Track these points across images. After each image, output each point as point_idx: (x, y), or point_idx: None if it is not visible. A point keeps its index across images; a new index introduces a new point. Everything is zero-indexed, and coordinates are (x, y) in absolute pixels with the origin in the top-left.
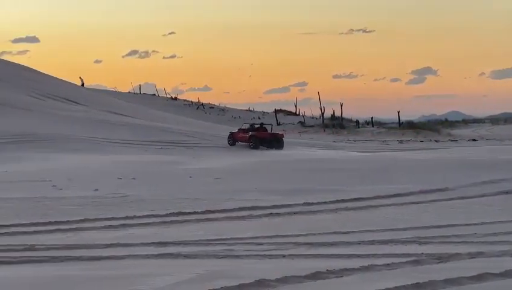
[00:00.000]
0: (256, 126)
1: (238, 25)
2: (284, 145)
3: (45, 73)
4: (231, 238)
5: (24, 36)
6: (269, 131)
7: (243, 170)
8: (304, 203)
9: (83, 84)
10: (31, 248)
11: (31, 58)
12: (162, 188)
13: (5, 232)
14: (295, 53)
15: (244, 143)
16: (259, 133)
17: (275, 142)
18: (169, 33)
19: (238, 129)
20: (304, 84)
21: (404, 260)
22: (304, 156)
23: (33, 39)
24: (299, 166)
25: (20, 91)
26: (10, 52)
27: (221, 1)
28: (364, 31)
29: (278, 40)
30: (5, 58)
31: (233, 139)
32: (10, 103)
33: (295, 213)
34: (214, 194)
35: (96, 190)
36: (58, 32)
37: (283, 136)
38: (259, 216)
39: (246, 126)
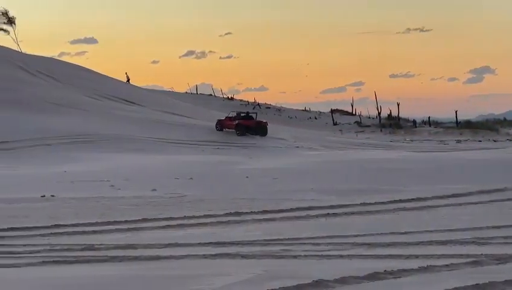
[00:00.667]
0: (243, 115)
1: (295, 25)
2: (268, 132)
3: (103, 74)
4: (289, 239)
5: (82, 37)
6: (255, 119)
7: (300, 170)
8: (361, 203)
9: (128, 80)
10: (90, 247)
11: (89, 59)
12: (219, 188)
13: (65, 232)
14: (352, 52)
15: (231, 130)
16: (244, 121)
17: (259, 129)
18: (226, 33)
19: (226, 117)
20: (360, 83)
21: (463, 261)
22: (361, 156)
23: (91, 40)
24: (355, 166)
25: (78, 92)
26: (69, 54)
27: (278, 1)
28: (422, 30)
29: (335, 39)
30: (63, 59)
31: (220, 126)
32: (68, 103)
33: (352, 213)
34: (271, 194)
35: (154, 189)
36: (116, 34)
37: (267, 124)
38: (317, 216)
39: (233, 114)
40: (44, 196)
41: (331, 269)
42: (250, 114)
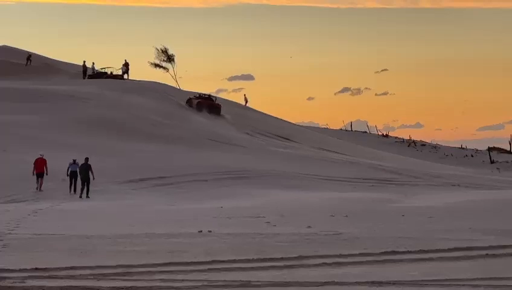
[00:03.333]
0: (205, 96)
1: (451, 61)
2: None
3: (259, 110)
4: (446, 279)
5: (240, 74)
6: (213, 102)
7: (457, 209)
8: None
9: (246, 102)
10: (247, 284)
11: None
12: (374, 226)
13: (222, 268)
14: (510, 89)
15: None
16: (203, 101)
17: (213, 108)
18: (382, 70)
19: (194, 96)
20: None
21: None
22: None
23: (248, 77)
24: None
25: (235, 128)
26: (226, 90)
27: (434, 38)
28: None
29: (493, 75)
30: (221, 96)
31: (189, 104)
32: (226, 139)
33: None
34: (428, 233)
35: (309, 227)
36: (272, 71)
37: (220, 106)
38: (475, 257)
39: (196, 95)
40: (201, 231)
41: None
42: (211, 97)
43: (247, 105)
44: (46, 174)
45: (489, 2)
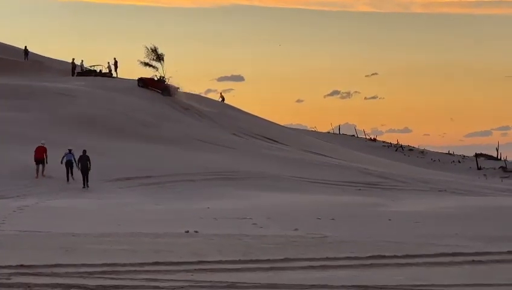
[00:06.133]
0: (157, 79)
1: (440, 67)
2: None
3: (247, 112)
4: (433, 285)
5: (229, 75)
6: (164, 84)
7: (443, 215)
8: (508, 251)
9: (223, 100)
10: (233, 285)
11: (235, 97)
12: (361, 229)
13: (208, 269)
14: (498, 96)
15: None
16: (148, 80)
17: (164, 90)
18: (372, 74)
19: (149, 78)
20: (507, 128)
21: None
22: (507, 202)
23: (238, 78)
24: (502, 212)
25: (223, 129)
26: (215, 90)
27: (424, 43)
28: None
29: (481, 82)
30: (210, 96)
31: (143, 84)
32: (214, 140)
33: (498, 262)
34: (414, 238)
35: (296, 229)
36: (263, 72)
37: (168, 87)
38: (461, 263)
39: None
40: (188, 232)
41: None
42: (163, 79)
43: (223, 102)
44: (46, 162)
45: (480, 8)
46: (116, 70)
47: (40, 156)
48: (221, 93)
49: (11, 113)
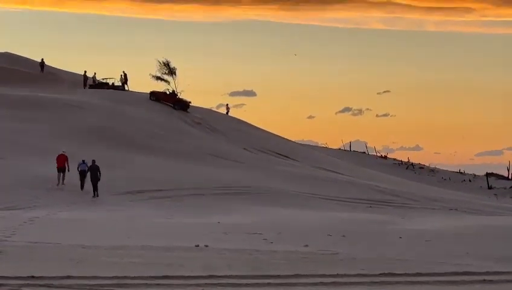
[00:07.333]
0: (168, 93)
1: (452, 85)
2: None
3: (259, 127)
4: None
5: (241, 90)
6: (176, 97)
7: (454, 233)
8: None
9: (228, 111)
10: None
11: (247, 112)
12: (371, 247)
13: (218, 283)
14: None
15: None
16: (160, 94)
17: (177, 103)
18: (384, 91)
19: (161, 91)
20: None
21: None
22: None
23: (250, 93)
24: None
25: (235, 144)
26: (230, 106)
27: (437, 62)
28: None
29: (493, 101)
30: (222, 111)
31: (155, 97)
32: (225, 155)
33: (509, 281)
34: (425, 257)
35: (306, 245)
36: (274, 87)
37: (179, 101)
38: (472, 282)
39: (167, 91)
40: (198, 246)
41: None
42: (175, 93)
43: (228, 114)
44: (68, 170)
45: (492, 27)
46: (126, 83)
47: (62, 164)
48: (227, 104)
49: (23, 124)
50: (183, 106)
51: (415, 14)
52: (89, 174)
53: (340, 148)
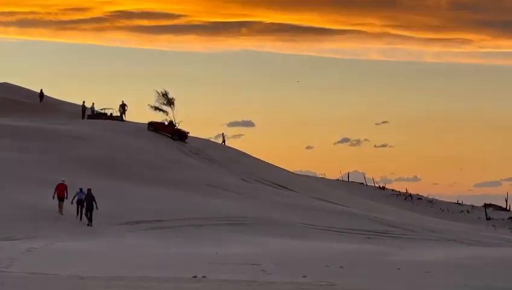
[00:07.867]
0: (167, 123)
1: (450, 116)
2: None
3: (257, 157)
4: None
5: (240, 120)
6: (174, 128)
7: (453, 265)
8: None
9: (224, 142)
10: None
11: (245, 142)
12: (370, 278)
13: None
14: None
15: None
16: (158, 124)
17: (174, 134)
18: (383, 122)
19: (159, 122)
20: None
21: None
22: None
23: (248, 123)
24: (510, 263)
25: (233, 174)
26: (226, 136)
27: (434, 93)
28: None
29: (492, 132)
30: (219, 141)
31: (153, 128)
32: (223, 185)
33: None
34: (424, 288)
35: (305, 276)
36: (273, 118)
37: (175, 131)
38: None
39: (164, 122)
40: (196, 277)
41: None
42: (174, 123)
43: (224, 144)
44: (66, 198)
45: (490, 59)
46: (124, 113)
47: (62, 194)
48: (223, 134)
49: (22, 154)
50: (181, 136)
51: (414, 45)
52: (85, 203)
53: (338, 179)
